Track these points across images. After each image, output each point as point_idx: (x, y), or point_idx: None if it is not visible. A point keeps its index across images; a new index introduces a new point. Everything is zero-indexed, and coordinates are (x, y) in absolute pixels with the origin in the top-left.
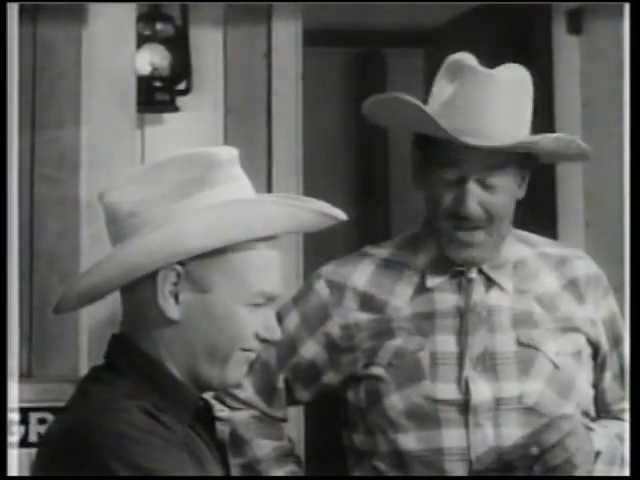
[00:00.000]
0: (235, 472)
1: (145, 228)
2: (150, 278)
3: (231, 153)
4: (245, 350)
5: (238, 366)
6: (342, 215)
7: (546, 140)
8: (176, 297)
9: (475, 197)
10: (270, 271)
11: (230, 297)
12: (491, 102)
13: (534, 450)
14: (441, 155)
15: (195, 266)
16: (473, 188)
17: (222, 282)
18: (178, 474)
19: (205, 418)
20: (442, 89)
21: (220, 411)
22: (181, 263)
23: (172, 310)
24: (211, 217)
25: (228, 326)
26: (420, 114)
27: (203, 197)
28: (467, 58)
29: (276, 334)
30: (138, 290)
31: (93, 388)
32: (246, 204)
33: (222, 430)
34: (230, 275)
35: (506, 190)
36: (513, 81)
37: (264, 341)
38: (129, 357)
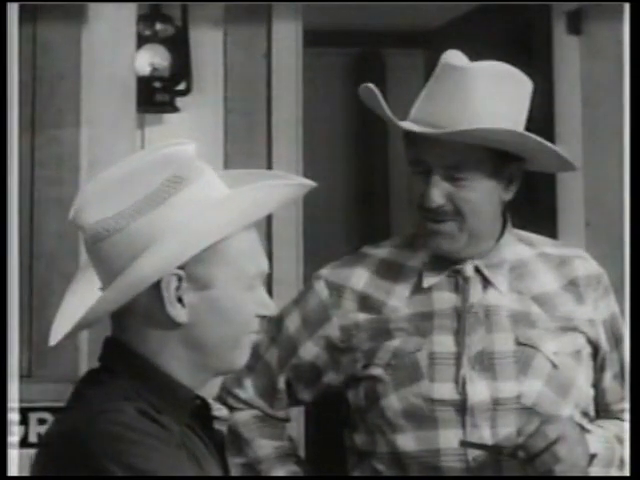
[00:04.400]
0: (236, 472)
1: (134, 243)
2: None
3: (192, 147)
4: (250, 333)
5: (245, 350)
6: (311, 182)
7: (491, 132)
8: (180, 300)
9: (441, 190)
10: (257, 250)
11: (231, 286)
12: (453, 94)
13: (521, 454)
14: (410, 149)
15: (193, 266)
16: (438, 181)
17: (221, 274)
18: (175, 474)
19: (203, 417)
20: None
21: (218, 410)
22: (180, 266)
23: (180, 314)
24: (207, 218)
25: (234, 315)
26: (374, 99)
27: (181, 197)
28: (449, 54)
29: (273, 309)
30: (135, 297)
31: (89, 391)
32: (241, 195)
33: (220, 429)
34: (226, 265)
35: (480, 187)
36: (487, 76)
37: (263, 318)
38: (125, 359)
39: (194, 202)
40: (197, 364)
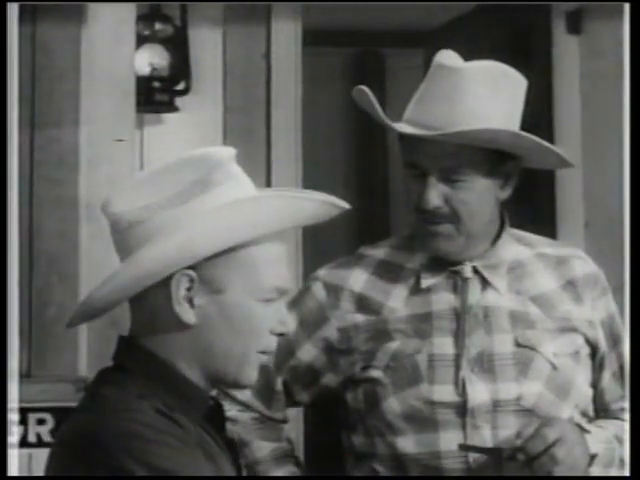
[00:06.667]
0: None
1: (152, 236)
2: (161, 283)
3: (230, 152)
4: (260, 352)
5: (253, 367)
6: (345, 203)
7: (486, 132)
8: (190, 301)
9: (438, 192)
10: (280, 265)
11: (244, 295)
12: (447, 95)
13: (520, 457)
14: (405, 151)
15: (207, 268)
16: (435, 183)
17: (235, 281)
18: (195, 474)
19: (215, 417)
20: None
21: (229, 410)
22: (193, 267)
23: (188, 315)
24: (219, 218)
25: (244, 325)
26: (367, 101)
27: (207, 198)
28: (442, 55)
29: (290, 327)
30: (149, 296)
31: (103, 390)
32: (252, 202)
33: (231, 430)
34: (242, 273)
35: (476, 188)
36: (480, 76)
37: (279, 335)
38: (139, 358)
39: (217, 204)
40: (204, 369)
